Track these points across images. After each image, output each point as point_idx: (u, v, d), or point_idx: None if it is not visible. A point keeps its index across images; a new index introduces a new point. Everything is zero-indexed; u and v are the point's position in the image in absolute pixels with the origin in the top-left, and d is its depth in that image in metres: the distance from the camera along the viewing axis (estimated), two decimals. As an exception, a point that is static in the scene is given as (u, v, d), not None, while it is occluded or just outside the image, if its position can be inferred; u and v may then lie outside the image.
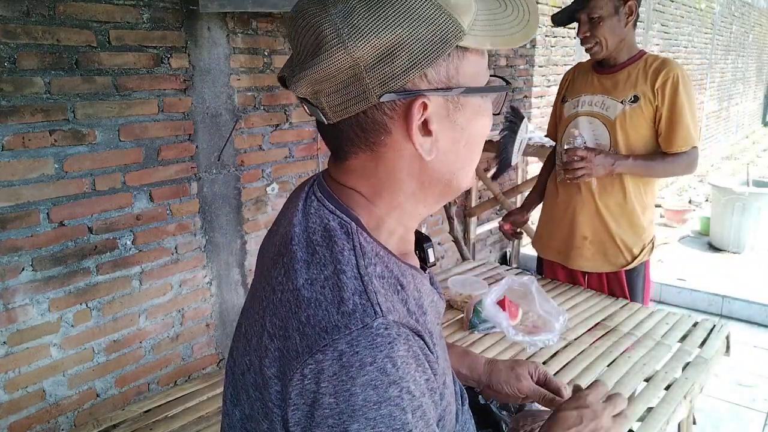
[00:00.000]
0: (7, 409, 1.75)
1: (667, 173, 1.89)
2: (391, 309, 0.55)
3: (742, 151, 9.50)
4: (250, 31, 2.23)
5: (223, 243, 2.29)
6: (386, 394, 0.51)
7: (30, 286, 1.76)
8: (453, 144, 0.60)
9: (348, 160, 0.62)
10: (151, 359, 2.12)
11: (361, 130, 0.58)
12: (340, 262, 0.56)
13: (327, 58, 0.54)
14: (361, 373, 0.50)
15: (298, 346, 0.53)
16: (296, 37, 0.57)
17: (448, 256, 3.69)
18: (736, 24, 8.97)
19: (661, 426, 1.28)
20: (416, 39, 0.53)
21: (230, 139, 2.23)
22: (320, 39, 0.54)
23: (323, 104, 0.57)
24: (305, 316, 0.54)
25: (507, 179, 3.96)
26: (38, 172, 1.72)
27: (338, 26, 0.53)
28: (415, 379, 0.53)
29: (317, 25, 0.54)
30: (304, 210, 0.63)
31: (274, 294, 0.58)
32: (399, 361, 0.52)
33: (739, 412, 2.56)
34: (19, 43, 1.63)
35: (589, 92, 1.89)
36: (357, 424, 0.50)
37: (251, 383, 0.59)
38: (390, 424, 0.51)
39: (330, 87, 0.56)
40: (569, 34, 4.48)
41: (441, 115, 0.58)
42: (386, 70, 0.54)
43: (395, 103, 0.56)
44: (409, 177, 0.61)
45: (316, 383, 0.51)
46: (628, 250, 1.91)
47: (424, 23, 0.53)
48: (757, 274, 3.93)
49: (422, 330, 0.58)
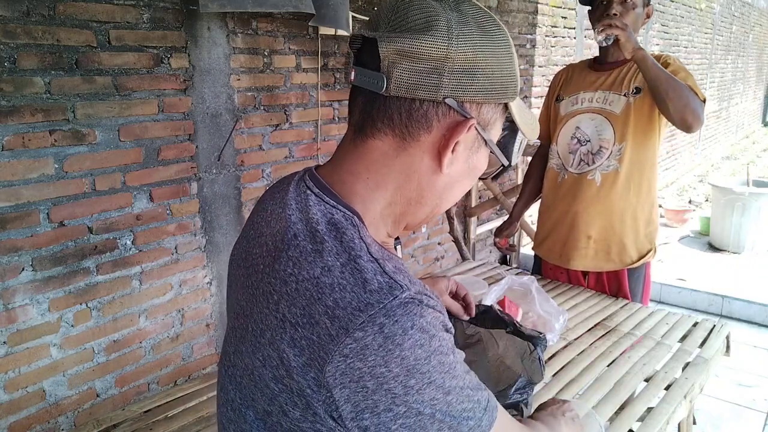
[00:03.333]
0: (7, 409, 1.75)
1: (679, 94, 1.64)
2: (409, 283, 0.58)
3: (742, 151, 9.50)
4: (250, 31, 2.23)
5: (223, 243, 2.29)
6: (431, 348, 0.56)
7: (30, 286, 1.76)
8: (458, 174, 0.66)
9: (372, 139, 0.63)
10: (151, 359, 2.12)
11: (408, 115, 0.61)
12: (353, 249, 0.59)
13: (430, 40, 0.58)
14: (406, 337, 0.54)
15: (330, 330, 0.54)
16: (403, 9, 0.61)
17: (448, 256, 3.69)
18: (736, 24, 8.97)
19: (661, 426, 1.28)
20: (494, 75, 0.61)
21: (230, 139, 2.23)
22: (432, 23, 0.59)
23: (393, 74, 0.59)
24: (332, 300, 0.55)
25: (507, 179, 3.96)
26: (38, 172, 1.73)
27: (451, 24, 0.59)
28: (443, 327, 0.60)
29: (434, 13, 0.59)
30: (299, 205, 0.64)
31: (287, 285, 0.59)
32: (430, 317, 0.57)
33: (739, 412, 2.56)
34: (19, 43, 1.63)
35: (589, 89, 1.88)
36: (414, 379, 0.55)
37: (270, 378, 0.59)
38: (441, 369, 0.57)
39: (411, 64, 0.59)
40: (569, 35, 4.48)
41: (467, 144, 0.64)
42: (464, 81, 0.60)
43: (452, 111, 0.61)
44: (417, 182, 0.65)
45: (361, 360, 0.53)
46: (635, 248, 1.90)
47: (504, 68, 0.62)
48: (757, 274, 3.93)
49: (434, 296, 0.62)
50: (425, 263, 3.50)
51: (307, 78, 2.48)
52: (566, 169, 1.93)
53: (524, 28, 3.90)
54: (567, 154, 1.92)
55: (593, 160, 1.86)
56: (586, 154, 1.88)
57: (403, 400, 0.54)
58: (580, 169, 1.89)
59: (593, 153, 1.86)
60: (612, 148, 1.83)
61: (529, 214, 3.50)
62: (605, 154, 1.84)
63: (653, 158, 1.87)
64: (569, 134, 1.91)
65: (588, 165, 1.87)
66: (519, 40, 3.88)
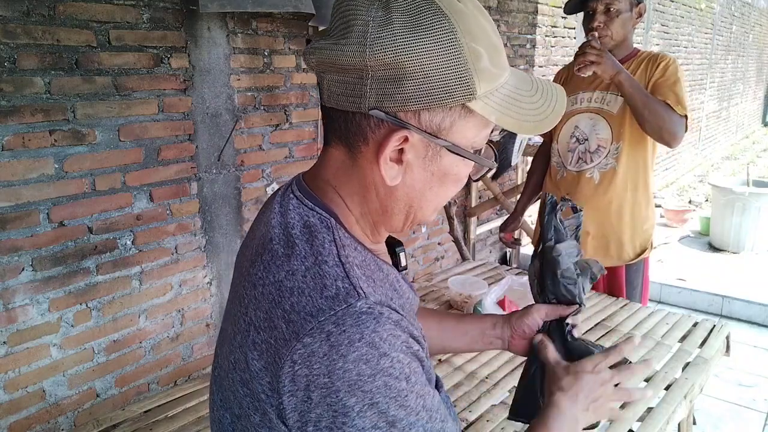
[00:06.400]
0: (7, 409, 1.75)
1: (655, 114, 1.72)
2: (372, 292, 0.56)
3: (742, 151, 9.50)
4: (250, 31, 2.23)
5: (223, 243, 2.29)
6: (378, 366, 0.52)
7: (30, 286, 1.76)
8: (421, 182, 0.60)
9: (331, 148, 0.62)
10: (151, 359, 2.12)
11: (345, 126, 0.59)
12: (321, 254, 0.57)
13: (344, 48, 0.54)
14: (351, 349, 0.51)
15: (284, 334, 0.54)
16: (335, 14, 0.57)
17: (448, 256, 3.69)
18: (736, 24, 8.97)
19: (661, 426, 1.28)
20: (427, 79, 0.53)
21: (230, 139, 2.23)
22: (349, 29, 0.54)
23: (324, 86, 0.59)
24: (289, 305, 0.55)
25: (507, 179, 3.96)
26: (38, 172, 1.72)
27: (369, 28, 0.53)
28: (403, 349, 0.55)
29: (353, 16, 0.54)
30: (281, 209, 0.63)
31: (255, 289, 0.59)
32: (385, 334, 0.53)
33: (739, 412, 2.56)
34: (19, 43, 1.63)
35: (588, 89, 1.91)
36: (354, 398, 0.51)
37: (238, 381, 0.59)
38: (386, 393, 0.52)
39: (334, 75, 0.57)
40: (569, 35, 4.48)
41: (419, 152, 0.58)
42: (388, 90, 0.54)
43: (381, 122, 0.56)
44: (375, 194, 0.61)
45: (307, 367, 0.52)
46: (632, 245, 1.92)
47: (442, 69, 0.53)
48: (757, 274, 3.93)
49: (404, 313, 0.58)
50: (425, 263, 3.50)
51: (307, 78, 2.48)
52: (565, 167, 1.96)
53: (524, 28, 3.91)
54: (566, 152, 1.96)
55: (591, 158, 1.90)
56: (584, 152, 1.91)
57: (342, 421, 0.51)
58: (579, 167, 1.93)
59: (591, 151, 1.90)
60: (609, 147, 1.86)
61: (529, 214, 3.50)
62: (603, 153, 1.88)
63: (650, 157, 1.91)
64: (569, 133, 1.95)
65: (586, 163, 1.91)
66: (519, 40, 3.88)
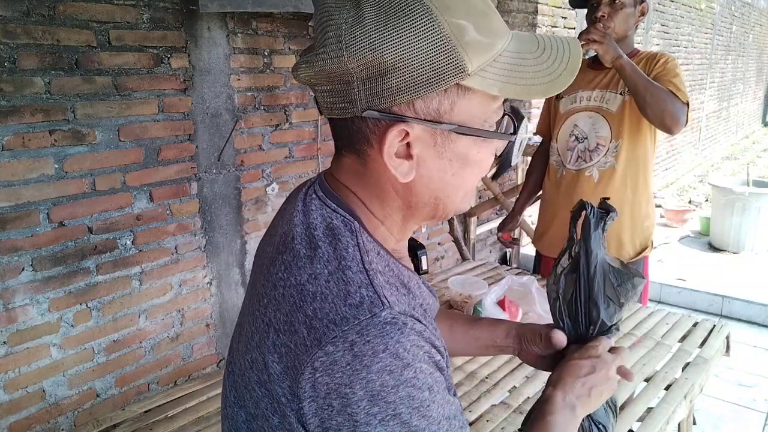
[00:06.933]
0: (7, 409, 1.75)
1: (657, 98, 1.69)
2: (396, 301, 0.55)
3: (742, 151, 9.50)
4: (250, 31, 2.23)
5: (223, 243, 2.29)
6: (402, 377, 0.51)
7: (30, 286, 1.76)
8: (439, 172, 0.59)
9: (342, 156, 0.62)
10: (151, 359, 2.12)
11: (347, 133, 0.58)
12: (345, 258, 0.56)
13: (324, 59, 0.54)
14: (375, 360, 0.51)
15: (306, 340, 0.53)
16: (315, 26, 0.57)
17: (448, 256, 3.69)
18: (736, 24, 8.97)
19: (661, 426, 1.28)
20: (411, 68, 0.52)
21: (230, 139, 2.23)
22: (326, 38, 0.54)
23: (318, 98, 0.59)
24: (311, 310, 0.54)
25: (507, 179, 3.96)
26: (38, 172, 1.72)
27: (342, 32, 0.52)
28: (426, 359, 0.55)
29: (327, 24, 0.54)
30: (305, 208, 0.63)
31: (276, 290, 0.58)
32: (409, 345, 0.52)
33: (739, 412, 2.56)
34: (19, 43, 1.63)
35: (587, 88, 1.91)
36: (377, 407, 0.51)
37: (255, 381, 0.59)
38: (409, 403, 0.52)
39: (324, 84, 0.57)
40: (569, 35, 4.48)
41: (426, 142, 0.57)
42: (375, 88, 0.53)
43: (378, 121, 0.55)
44: (395, 192, 0.61)
45: (329, 375, 0.51)
46: (632, 244, 1.92)
47: (424, 54, 0.51)
48: (757, 274, 3.93)
49: (426, 323, 0.58)
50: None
51: (307, 78, 2.48)
52: (564, 165, 1.96)
53: (524, 28, 3.90)
54: (565, 150, 1.96)
55: (590, 157, 1.90)
56: (584, 151, 1.91)
57: (363, 430, 0.51)
58: (578, 165, 1.93)
59: (590, 150, 1.90)
60: (608, 146, 1.87)
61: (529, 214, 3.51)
62: (602, 151, 1.88)
63: (649, 155, 1.90)
64: (568, 131, 1.95)
65: (585, 162, 1.91)
66: (519, 40, 3.88)
